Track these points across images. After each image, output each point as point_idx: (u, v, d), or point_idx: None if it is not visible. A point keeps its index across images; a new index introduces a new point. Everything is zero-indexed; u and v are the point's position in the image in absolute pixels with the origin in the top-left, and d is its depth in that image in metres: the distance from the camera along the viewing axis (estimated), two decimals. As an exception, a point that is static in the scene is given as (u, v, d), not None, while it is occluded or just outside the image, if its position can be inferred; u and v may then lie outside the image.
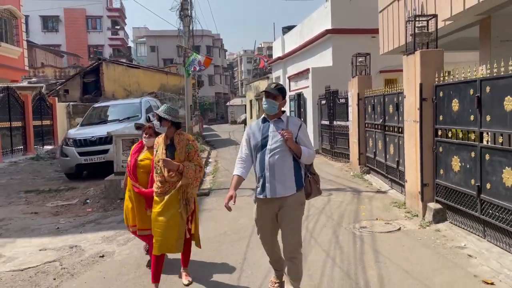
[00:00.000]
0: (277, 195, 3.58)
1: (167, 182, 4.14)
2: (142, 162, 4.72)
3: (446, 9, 7.06)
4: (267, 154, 3.58)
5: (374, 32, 13.72)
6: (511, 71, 4.50)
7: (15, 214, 7.88)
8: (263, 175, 3.61)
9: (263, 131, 3.66)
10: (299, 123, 3.75)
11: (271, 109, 3.64)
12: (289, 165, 3.61)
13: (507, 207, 4.60)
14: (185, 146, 4.22)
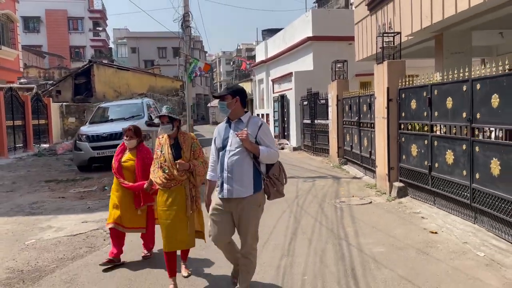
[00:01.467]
0: (234, 195, 3.59)
1: (173, 180, 4.22)
2: (125, 164, 4.94)
3: (408, 27, 8.70)
4: (227, 155, 3.60)
5: (350, 39, 15.42)
6: (451, 79, 6.11)
7: (45, 199, 9.11)
8: (222, 175, 3.62)
9: (225, 132, 3.68)
10: (260, 123, 3.73)
11: (223, 110, 3.67)
12: (248, 167, 3.61)
13: (450, 180, 6.20)
14: (190, 144, 4.33)
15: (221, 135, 3.68)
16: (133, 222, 4.99)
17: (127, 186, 4.88)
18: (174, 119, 4.27)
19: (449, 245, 5.21)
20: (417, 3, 8.17)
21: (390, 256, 4.92)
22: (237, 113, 3.65)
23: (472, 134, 5.58)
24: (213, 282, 4.40)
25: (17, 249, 5.93)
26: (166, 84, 25.89)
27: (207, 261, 4.95)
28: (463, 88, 5.70)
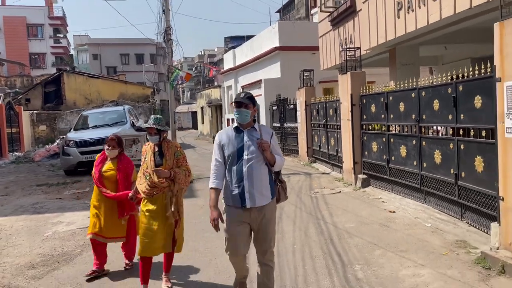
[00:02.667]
0: (257, 204, 3.57)
1: (156, 187, 4.27)
2: (106, 173, 4.89)
3: (366, 42, 10.15)
4: (245, 164, 3.56)
5: (314, 49, 16.91)
6: (403, 87, 7.52)
7: (43, 200, 9.83)
8: (241, 185, 3.56)
9: (238, 141, 3.62)
10: (271, 132, 3.81)
11: (244, 118, 3.63)
12: (265, 174, 3.64)
13: (404, 170, 7.60)
14: (174, 153, 4.36)
15: (234, 144, 3.61)
16: (114, 232, 4.93)
17: (110, 196, 4.83)
18: (162, 130, 4.33)
19: (404, 220, 6.57)
20: (374, 23, 9.64)
21: (359, 229, 6.22)
22: (250, 122, 3.68)
23: (419, 132, 6.99)
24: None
25: (39, 240, 6.76)
26: (137, 91, 26.54)
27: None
28: (412, 94, 7.11)
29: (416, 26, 7.92)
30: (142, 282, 4.28)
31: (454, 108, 5.85)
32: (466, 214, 5.87)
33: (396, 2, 8.48)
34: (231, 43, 57.14)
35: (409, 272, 4.58)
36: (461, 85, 5.69)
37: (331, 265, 4.93)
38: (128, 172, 4.93)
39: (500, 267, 4.38)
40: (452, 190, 6.11)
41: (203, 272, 4.94)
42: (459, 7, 6.61)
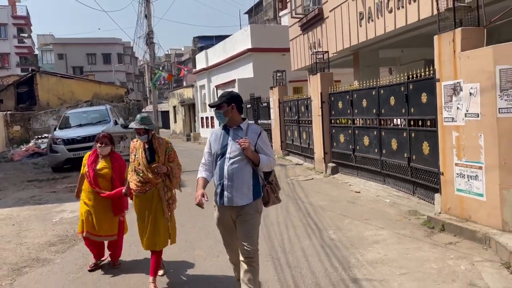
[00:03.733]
0: (234, 204, 3.56)
1: (148, 183, 4.35)
2: (101, 172, 4.91)
3: (333, 46, 11.40)
4: (226, 162, 3.56)
5: (284, 51, 18.13)
6: (365, 86, 8.77)
7: (39, 193, 10.52)
8: (221, 183, 3.57)
9: (223, 139, 3.64)
10: (259, 131, 3.74)
11: (219, 118, 3.67)
12: (248, 174, 3.58)
13: (367, 157, 8.87)
14: (165, 149, 4.45)
15: (220, 141, 3.65)
16: (105, 230, 4.97)
17: (105, 195, 4.85)
18: (149, 130, 4.40)
19: (368, 198, 7.83)
20: (339, 30, 10.90)
21: (331, 205, 7.42)
22: (235, 120, 3.66)
23: (379, 124, 8.27)
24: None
25: (50, 224, 7.58)
26: (111, 91, 26.96)
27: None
28: (373, 92, 8.37)
29: (376, 34, 9.21)
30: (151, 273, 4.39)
31: (406, 103, 7.13)
32: (417, 190, 7.18)
33: (358, 13, 9.76)
34: (200, 43, 57.77)
35: (372, 233, 5.80)
36: (411, 84, 6.97)
37: (309, 231, 6.08)
38: (122, 170, 4.99)
39: (440, 226, 5.66)
40: (406, 171, 7.41)
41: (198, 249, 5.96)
42: (409, 19, 7.92)
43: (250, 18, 39.79)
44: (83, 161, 5.09)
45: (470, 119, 5.32)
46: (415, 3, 7.65)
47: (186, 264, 5.11)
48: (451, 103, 5.64)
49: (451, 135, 5.67)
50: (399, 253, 5.00)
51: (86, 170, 4.95)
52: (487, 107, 5.05)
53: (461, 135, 5.49)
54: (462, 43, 5.40)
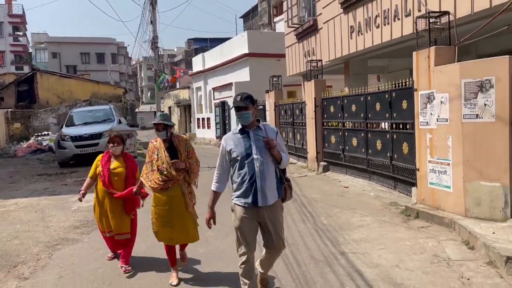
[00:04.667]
0: (268, 203, 3.61)
1: (171, 180, 4.47)
2: (115, 171, 5.02)
3: (326, 55, 12.40)
4: (256, 163, 3.59)
5: (279, 56, 19.10)
6: (354, 93, 9.75)
7: (50, 186, 11.32)
8: (253, 183, 3.58)
9: (245, 141, 3.67)
10: (276, 130, 3.83)
11: (246, 119, 3.67)
12: (273, 173, 3.67)
13: (355, 156, 9.85)
14: (185, 146, 4.61)
15: (242, 144, 3.66)
16: (119, 228, 5.10)
17: (118, 195, 4.97)
18: (168, 125, 4.54)
19: (355, 192, 8.80)
20: (332, 41, 11.90)
21: (323, 198, 8.38)
22: (254, 121, 3.72)
23: (366, 127, 9.25)
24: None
25: (69, 212, 8.41)
26: (109, 91, 27.69)
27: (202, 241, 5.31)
28: (361, 98, 9.36)
29: (364, 46, 10.22)
30: (172, 264, 4.69)
31: (390, 109, 8.13)
32: (398, 185, 8.17)
33: (349, 26, 10.77)
34: (194, 45, 58.66)
35: (357, 219, 6.77)
36: (394, 92, 7.97)
37: (304, 218, 7.03)
38: (134, 170, 5.15)
39: (415, 214, 6.64)
40: (388, 169, 8.40)
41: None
42: (394, 35, 8.93)
43: (245, 22, 40.80)
44: (95, 162, 5.18)
45: (440, 123, 6.32)
46: (399, 21, 8.67)
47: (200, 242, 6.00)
48: (426, 110, 6.64)
49: (425, 136, 6.67)
50: (380, 234, 5.96)
51: (100, 170, 5.04)
52: (454, 113, 6.05)
53: (434, 137, 6.48)
54: (436, 59, 6.40)
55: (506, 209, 5.55)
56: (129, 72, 76.01)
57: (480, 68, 5.73)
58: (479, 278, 4.34)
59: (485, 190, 5.72)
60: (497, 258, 4.53)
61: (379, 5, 9.36)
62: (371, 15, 9.75)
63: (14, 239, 6.69)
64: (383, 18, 9.26)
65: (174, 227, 4.53)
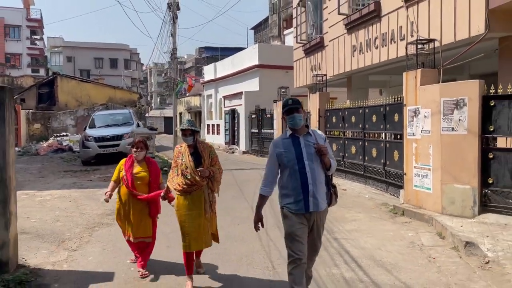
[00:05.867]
0: (319, 209, 3.62)
1: (194, 185, 4.54)
2: (138, 175, 5.06)
3: (331, 70, 13.55)
4: (308, 169, 3.59)
5: (287, 68, 20.29)
6: (354, 106, 10.86)
7: (77, 181, 12.49)
8: (306, 189, 3.58)
9: (295, 147, 3.66)
10: (324, 136, 3.84)
11: (298, 122, 3.68)
12: (323, 179, 3.69)
13: (353, 162, 10.94)
14: (209, 153, 4.66)
15: (292, 150, 3.66)
16: (142, 232, 5.16)
17: (143, 198, 5.03)
18: (195, 131, 4.65)
19: (352, 194, 9.88)
20: (336, 58, 13.06)
21: (322, 197, 9.47)
22: (303, 127, 3.75)
23: (364, 136, 10.35)
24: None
25: (99, 203, 9.50)
26: (124, 96, 29.01)
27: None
28: (360, 111, 10.47)
29: (365, 64, 11.36)
30: (188, 273, 4.63)
31: (384, 120, 9.23)
32: (389, 188, 9.25)
33: (352, 45, 11.93)
34: (205, 53, 60.22)
35: (351, 215, 7.86)
36: (388, 107, 9.08)
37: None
38: (157, 174, 5.20)
39: (401, 212, 7.72)
40: (381, 174, 9.49)
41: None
42: (390, 56, 10.08)
43: (255, 34, 42.17)
44: (118, 167, 5.23)
45: (424, 134, 7.42)
46: (395, 44, 9.82)
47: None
48: (413, 122, 7.75)
49: (412, 145, 7.77)
50: (369, 226, 7.05)
51: (123, 175, 5.09)
52: (434, 126, 7.15)
53: (418, 146, 7.58)
54: (421, 80, 7.51)
55: (475, 208, 6.62)
56: (141, 77, 77.67)
57: (456, 89, 6.84)
58: (442, 258, 5.42)
59: (458, 191, 6.80)
60: (459, 243, 5.61)
61: (378, 28, 10.51)
62: (371, 36, 10.91)
63: (56, 222, 7.83)
64: (382, 40, 10.41)
65: (191, 233, 4.55)
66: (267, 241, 6.38)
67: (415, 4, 9.01)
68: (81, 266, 5.55)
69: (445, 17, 8.20)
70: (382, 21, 10.35)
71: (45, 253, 6.11)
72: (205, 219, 4.60)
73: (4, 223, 5.22)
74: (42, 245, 6.48)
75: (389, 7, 10.03)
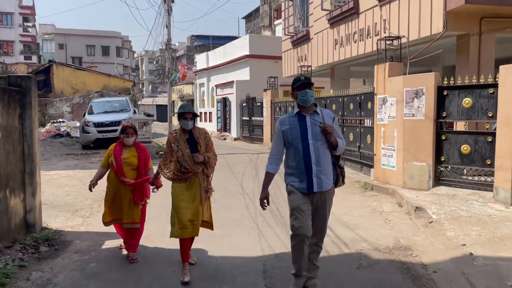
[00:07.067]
0: (323, 189, 3.60)
1: (190, 172, 4.44)
2: (127, 160, 5.04)
3: (315, 61, 14.60)
4: (311, 148, 3.54)
5: (277, 58, 21.28)
6: (335, 95, 11.95)
7: (80, 163, 13.49)
8: (309, 169, 3.54)
9: (301, 125, 3.61)
10: (333, 116, 3.77)
11: (310, 98, 3.62)
12: (329, 158, 3.64)
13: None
14: (204, 138, 4.56)
15: (298, 128, 3.61)
16: (130, 218, 5.08)
17: (131, 183, 4.99)
18: (196, 115, 4.60)
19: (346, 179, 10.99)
20: (320, 50, 14.11)
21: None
22: (311, 105, 3.69)
23: (343, 122, 11.45)
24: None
25: (103, 181, 10.56)
26: (118, 84, 29.82)
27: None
28: (339, 99, 11.56)
29: (345, 56, 12.44)
30: (184, 261, 4.53)
31: (359, 108, 10.34)
32: (363, 168, 10.40)
33: (334, 39, 12.98)
34: (196, 42, 60.77)
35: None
36: (363, 96, 10.18)
37: (288, 188, 9.25)
38: (146, 159, 5.18)
39: (370, 187, 8.88)
40: (357, 155, 10.63)
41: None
42: (366, 49, 11.15)
43: (247, 23, 42.95)
44: (108, 152, 5.23)
45: (390, 119, 8.55)
46: (370, 39, 10.89)
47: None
48: (382, 109, 8.86)
49: (380, 130, 8.89)
50: (341, 199, 8.16)
51: (112, 160, 5.09)
52: (399, 112, 8.27)
53: (386, 130, 8.71)
54: (389, 72, 8.61)
55: (429, 182, 7.79)
56: (133, 65, 77.96)
57: (416, 81, 7.95)
58: (396, 220, 6.59)
59: (417, 168, 7.95)
60: (411, 209, 6.78)
61: (356, 24, 11.58)
62: (351, 31, 11.97)
63: (67, 196, 8.87)
64: (359, 35, 11.48)
65: (183, 219, 4.45)
66: (253, 210, 7.49)
67: (388, 4, 10.08)
68: (96, 228, 6.59)
69: (412, 17, 9.29)
70: (360, 17, 11.41)
71: (63, 219, 7.17)
72: (200, 206, 4.52)
73: (32, 191, 6.27)
74: (59, 213, 7.53)
75: (366, 5, 11.09)
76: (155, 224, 6.32)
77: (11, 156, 5.80)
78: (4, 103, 5.65)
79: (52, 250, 5.71)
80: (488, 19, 8.37)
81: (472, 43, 8.59)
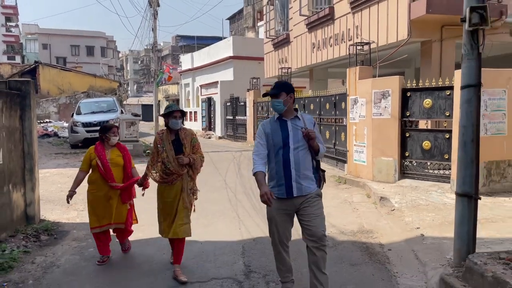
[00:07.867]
0: (303, 192, 3.60)
1: (175, 174, 4.40)
2: (113, 160, 5.03)
3: (295, 63, 15.35)
4: (291, 153, 3.57)
5: (259, 60, 21.95)
6: (313, 95, 12.70)
7: (70, 162, 13.98)
8: (287, 173, 3.57)
9: (282, 130, 3.63)
10: (314, 121, 3.81)
11: (278, 107, 3.65)
12: (310, 163, 3.67)
13: (312, 144, 12.82)
14: (191, 140, 4.52)
15: (279, 133, 3.63)
16: (114, 218, 5.06)
17: (119, 187, 4.97)
18: (184, 113, 4.57)
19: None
20: (300, 52, 14.86)
21: (284, 172, 11.34)
22: (291, 110, 3.69)
23: (320, 121, 12.21)
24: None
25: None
26: (104, 84, 30.13)
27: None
28: (317, 99, 12.31)
29: (322, 59, 13.21)
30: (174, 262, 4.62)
31: (334, 108, 11.10)
32: (338, 164, 11.18)
33: (312, 43, 13.75)
34: (181, 42, 61.14)
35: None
36: (337, 96, 10.94)
37: (268, 183, 9.97)
38: (129, 158, 5.20)
39: (344, 181, 9.65)
40: (333, 152, 11.40)
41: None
42: (341, 53, 11.93)
43: (231, 24, 43.57)
44: (88, 155, 5.12)
45: (361, 118, 9.32)
46: (344, 44, 11.67)
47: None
48: (353, 109, 9.64)
49: (352, 128, 9.66)
50: (316, 191, 8.93)
51: (98, 162, 4.98)
52: (368, 112, 9.05)
53: (357, 128, 9.48)
54: (359, 75, 9.38)
55: (395, 175, 8.59)
56: (117, 65, 77.79)
57: (383, 83, 8.74)
58: (363, 209, 7.35)
59: (384, 163, 8.74)
60: (377, 199, 7.56)
61: (332, 30, 12.36)
62: (327, 36, 12.74)
63: (60, 192, 9.42)
64: (335, 40, 12.26)
65: (169, 221, 4.50)
66: (235, 202, 8.18)
67: (360, 12, 10.87)
68: (91, 220, 7.21)
69: (381, 24, 10.09)
70: (335, 23, 12.19)
71: (59, 212, 7.76)
72: (183, 208, 4.48)
73: (31, 186, 6.87)
74: (54, 207, 8.12)
75: (340, 12, 11.87)
76: (146, 214, 6.75)
77: (13, 154, 6.39)
78: (6, 106, 6.24)
79: (52, 238, 6.32)
80: (448, 27, 9.21)
81: (435, 48, 9.42)
